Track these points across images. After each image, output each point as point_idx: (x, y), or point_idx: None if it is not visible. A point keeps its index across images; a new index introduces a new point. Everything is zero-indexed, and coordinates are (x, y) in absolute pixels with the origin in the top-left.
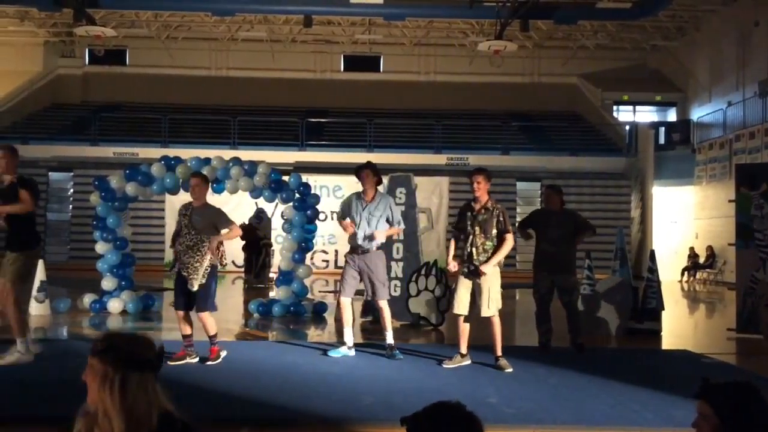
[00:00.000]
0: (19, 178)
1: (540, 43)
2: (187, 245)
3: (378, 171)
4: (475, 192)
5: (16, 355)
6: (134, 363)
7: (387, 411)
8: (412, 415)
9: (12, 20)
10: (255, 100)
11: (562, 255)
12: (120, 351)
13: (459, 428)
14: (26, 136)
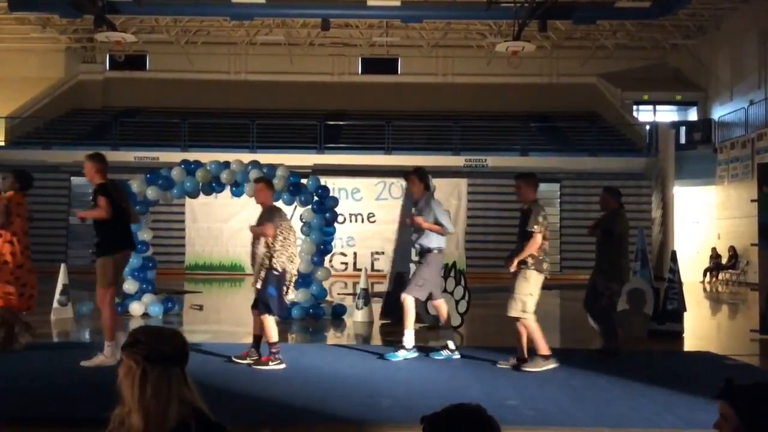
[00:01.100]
0: (99, 185)
1: (558, 43)
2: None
3: (425, 175)
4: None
5: (100, 357)
6: (156, 356)
7: (406, 413)
8: (431, 415)
9: (34, 27)
10: (273, 104)
11: (600, 256)
12: (142, 344)
13: (477, 430)
14: (48, 142)
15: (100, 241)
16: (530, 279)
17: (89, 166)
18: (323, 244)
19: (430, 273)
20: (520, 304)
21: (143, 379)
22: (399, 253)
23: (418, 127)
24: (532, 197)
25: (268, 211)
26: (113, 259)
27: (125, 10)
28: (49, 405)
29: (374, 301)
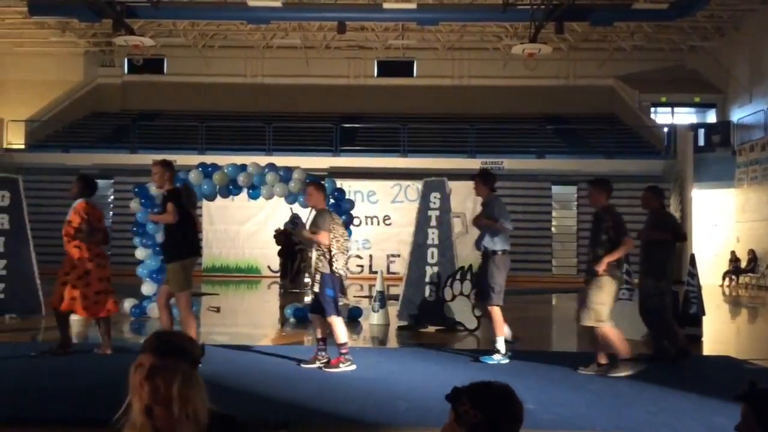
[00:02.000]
0: (169, 191)
1: (575, 45)
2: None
3: (489, 178)
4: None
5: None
6: (197, 360)
7: (422, 416)
8: (466, 387)
9: (53, 31)
10: (289, 107)
11: (645, 259)
12: (189, 349)
13: (501, 406)
14: (67, 145)
15: (169, 246)
16: (605, 287)
17: (161, 172)
18: None
19: (502, 276)
20: (593, 313)
21: (189, 383)
22: (415, 255)
23: (433, 129)
24: (605, 202)
25: (320, 215)
26: (182, 264)
27: (143, 14)
28: (89, 405)
29: (390, 303)
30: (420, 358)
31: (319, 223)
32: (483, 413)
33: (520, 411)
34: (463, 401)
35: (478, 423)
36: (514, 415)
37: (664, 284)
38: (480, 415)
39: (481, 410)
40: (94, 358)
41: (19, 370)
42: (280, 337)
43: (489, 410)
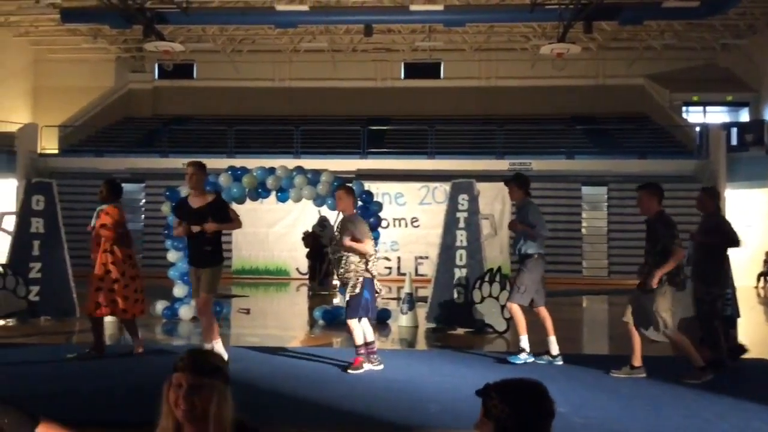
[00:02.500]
0: (219, 196)
1: (604, 44)
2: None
3: (524, 181)
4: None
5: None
6: (221, 375)
7: (453, 419)
8: (498, 383)
9: (85, 38)
10: (317, 110)
11: (699, 262)
12: (208, 365)
13: (529, 401)
14: (100, 149)
15: (214, 251)
16: (666, 293)
17: (199, 173)
18: None
19: (531, 279)
20: (661, 322)
21: (224, 402)
22: (443, 257)
23: (461, 131)
24: (657, 208)
25: (356, 222)
26: (221, 268)
27: (173, 20)
28: (124, 408)
29: (419, 305)
30: (449, 360)
31: (360, 230)
32: (510, 408)
33: (550, 407)
34: (491, 396)
35: (505, 417)
36: (542, 411)
37: (715, 289)
38: (507, 409)
39: (509, 405)
40: (129, 360)
41: (55, 373)
42: (309, 339)
43: (516, 405)
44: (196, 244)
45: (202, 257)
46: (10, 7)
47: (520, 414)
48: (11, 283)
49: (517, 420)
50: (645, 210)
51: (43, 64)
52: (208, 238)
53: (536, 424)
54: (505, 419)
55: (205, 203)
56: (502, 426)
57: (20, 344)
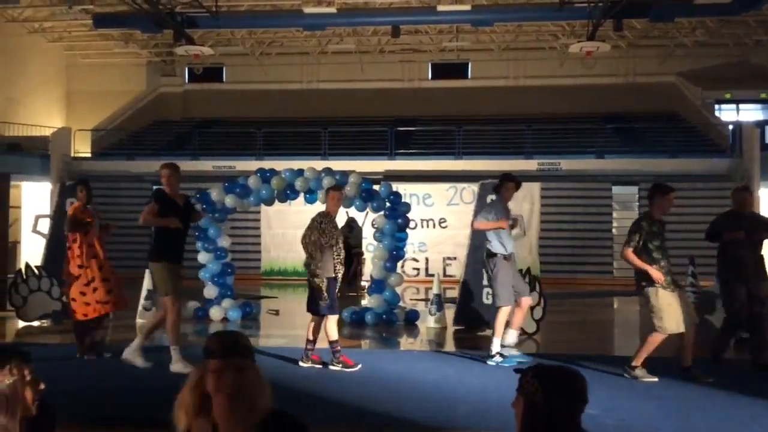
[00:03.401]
0: (188, 198)
1: (634, 42)
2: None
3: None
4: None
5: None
6: (253, 353)
7: (482, 420)
8: (540, 367)
9: (117, 43)
10: (344, 111)
11: (759, 261)
12: (244, 346)
13: (560, 381)
14: (132, 152)
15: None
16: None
17: (176, 175)
18: (395, 250)
19: (499, 276)
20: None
21: (248, 375)
22: (471, 258)
23: (489, 131)
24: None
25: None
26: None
27: (203, 24)
28: (139, 406)
29: (447, 306)
30: (478, 362)
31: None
32: (540, 383)
33: (581, 392)
34: (527, 374)
35: (534, 392)
36: (571, 394)
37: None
38: (537, 384)
39: (540, 381)
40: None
41: (85, 372)
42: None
43: (546, 382)
44: (181, 242)
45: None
46: (44, 14)
47: (548, 391)
48: (46, 284)
49: (546, 396)
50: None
51: (76, 69)
52: (181, 233)
53: (563, 404)
54: (534, 394)
55: (183, 202)
56: (531, 401)
57: (56, 344)
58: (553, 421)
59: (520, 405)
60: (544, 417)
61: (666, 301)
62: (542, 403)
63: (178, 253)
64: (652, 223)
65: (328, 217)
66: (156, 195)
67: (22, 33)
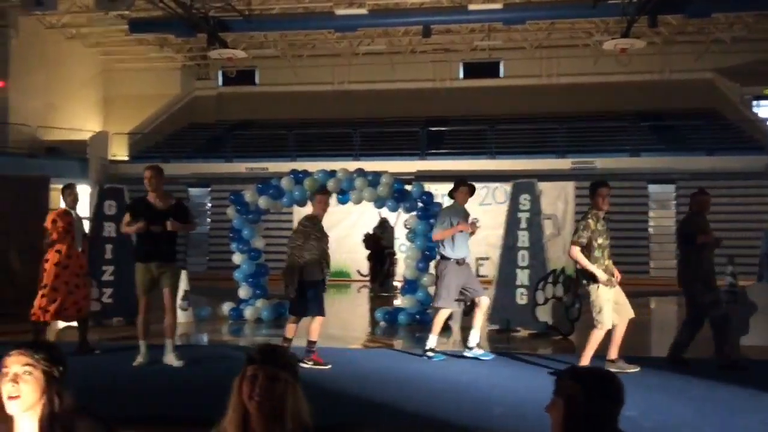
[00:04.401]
0: (179, 201)
1: (670, 38)
2: (316, 253)
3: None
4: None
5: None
6: (293, 370)
7: (518, 421)
8: (578, 369)
9: (152, 47)
10: (376, 112)
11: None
12: (284, 359)
13: (599, 382)
14: (167, 155)
15: (174, 251)
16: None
17: (159, 177)
18: (428, 250)
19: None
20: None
21: (293, 388)
22: (505, 258)
23: (522, 130)
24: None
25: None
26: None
27: (236, 27)
28: (173, 403)
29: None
30: (512, 363)
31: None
32: (581, 384)
33: (620, 394)
34: (564, 375)
35: (575, 394)
36: (612, 395)
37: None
38: (578, 386)
39: (580, 382)
40: (199, 359)
41: (132, 371)
42: (372, 340)
43: (587, 383)
44: (156, 243)
45: (163, 255)
46: (81, 20)
47: (589, 391)
48: None
49: (586, 397)
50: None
51: (112, 74)
52: (169, 238)
53: (604, 405)
54: (575, 396)
55: (169, 205)
56: (572, 403)
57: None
58: (594, 422)
59: (558, 408)
60: (584, 419)
61: (605, 297)
62: (583, 405)
63: (147, 252)
64: (598, 220)
65: (313, 220)
66: (127, 206)
67: (61, 39)
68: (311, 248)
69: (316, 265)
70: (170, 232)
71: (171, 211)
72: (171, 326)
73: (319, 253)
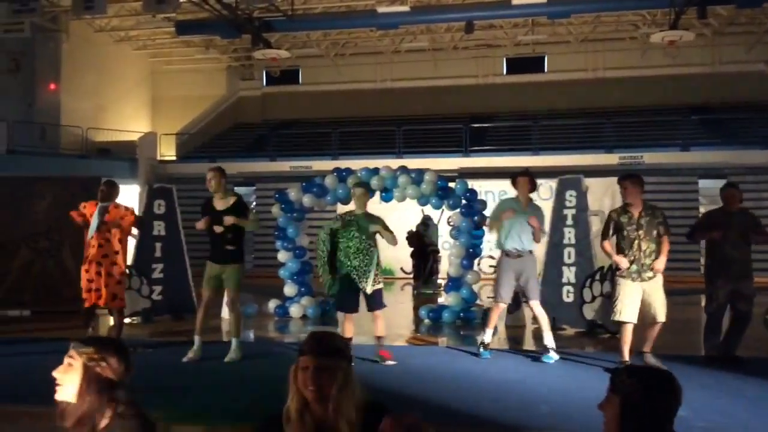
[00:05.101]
0: (239, 199)
1: (720, 29)
2: (358, 248)
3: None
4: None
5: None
6: (343, 356)
7: (565, 421)
8: (635, 368)
9: (199, 49)
10: (419, 109)
11: (744, 259)
12: (345, 350)
13: (657, 379)
14: (213, 155)
15: (236, 250)
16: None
17: (219, 177)
18: (472, 248)
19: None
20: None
21: (348, 376)
22: (550, 255)
23: (566, 125)
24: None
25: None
26: (243, 266)
27: (279, 27)
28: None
29: (525, 304)
30: (558, 361)
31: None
32: (639, 382)
33: (677, 393)
34: (621, 373)
35: (632, 391)
36: (669, 394)
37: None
38: (635, 383)
39: (638, 380)
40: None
41: (179, 367)
42: (416, 338)
43: (644, 381)
44: (219, 244)
45: (225, 255)
46: (130, 23)
47: (647, 389)
48: (136, 283)
49: (644, 395)
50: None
51: (160, 76)
52: (231, 238)
53: (661, 404)
54: (633, 393)
55: (228, 205)
56: (629, 400)
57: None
58: (650, 421)
59: (613, 405)
60: (640, 417)
61: (625, 290)
62: (641, 403)
63: (214, 253)
64: (621, 213)
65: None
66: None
67: (110, 42)
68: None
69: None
70: (233, 233)
71: (231, 210)
72: (233, 324)
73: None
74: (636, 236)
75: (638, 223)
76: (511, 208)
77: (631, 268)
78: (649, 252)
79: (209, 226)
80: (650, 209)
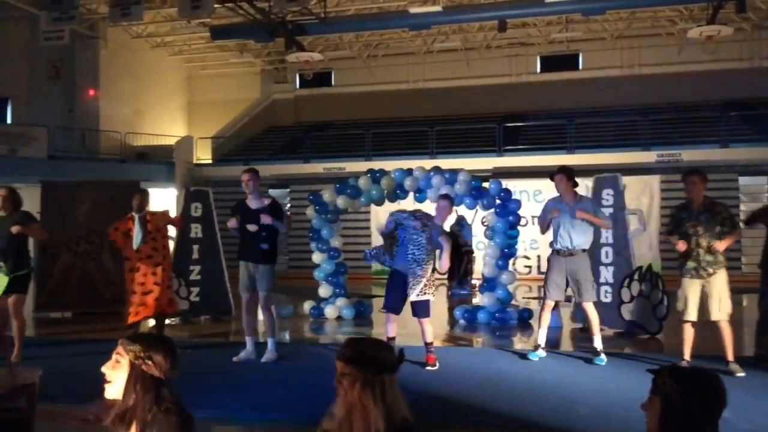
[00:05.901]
0: (273, 201)
1: (760, 23)
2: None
3: (573, 174)
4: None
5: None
6: (387, 367)
7: (604, 423)
8: (677, 368)
9: (233, 53)
10: (451, 109)
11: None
12: (374, 357)
13: (698, 381)
14: (248, 158)
15: (270, 251)
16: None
17: (256, 179)
18: (507, 248)
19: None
20: (726, 305)
21: (383, 387)
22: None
23: (602, 123)
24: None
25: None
26: (275, 266)
27: (312, 30)
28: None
29: (562, 305)
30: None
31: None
32: (679, 384)
33: (721, 395)
34: (663, 374)
35: (673, 393)
36: (711, 396)
37: None
38: (676, 386)
39: (678, 382)
40: (287, 358)
41: (219, 368)
42: (451, 338)
43: (686, 383)
44: (253, 243)
45: (258, 254)
46: (166, 29)
47: (688, 391)
48: (174, 285)
49: (685, 397)
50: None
51: (196, 81)
52: (264, 236)
53: (704, 406)
54: (673, 395)
55: (263, 205)
56: (670, 402)
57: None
58: (693, 423)
59: (655, 406)
60: (683, 419)
61: (686, 287)
62: (681, 405)
63: (245, 252)
64: (683, 209)
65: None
66: (231, 208)
67: (146, 48)
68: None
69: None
70: (266, 233)
71: (266, 210)
72: (268, 324)
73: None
74: (694, 232)
75: (697, 219)
76: (556, 207)
77: (688, 265)
78: (708, 248)
79: (242, 225)
80: (711, 205)
